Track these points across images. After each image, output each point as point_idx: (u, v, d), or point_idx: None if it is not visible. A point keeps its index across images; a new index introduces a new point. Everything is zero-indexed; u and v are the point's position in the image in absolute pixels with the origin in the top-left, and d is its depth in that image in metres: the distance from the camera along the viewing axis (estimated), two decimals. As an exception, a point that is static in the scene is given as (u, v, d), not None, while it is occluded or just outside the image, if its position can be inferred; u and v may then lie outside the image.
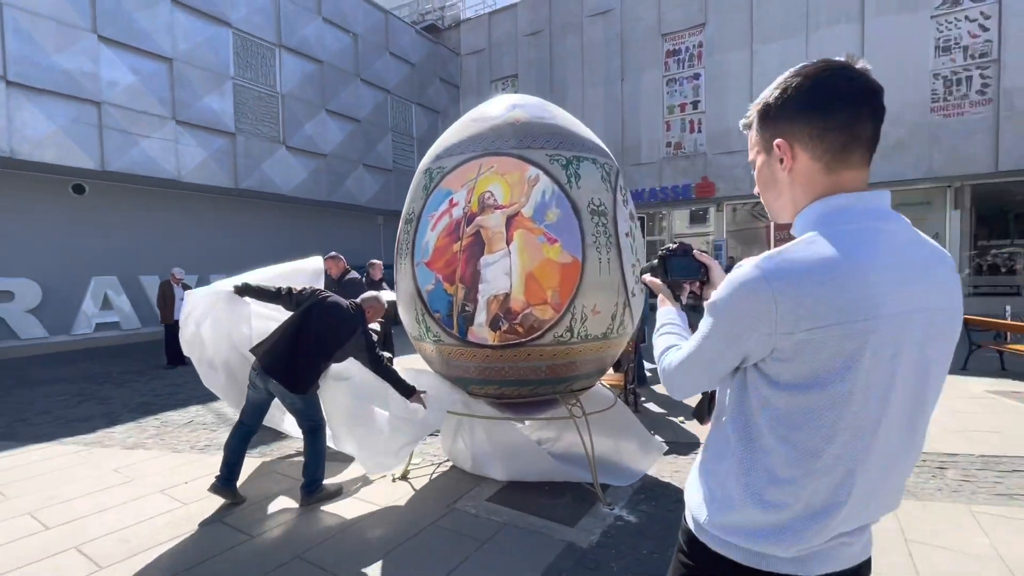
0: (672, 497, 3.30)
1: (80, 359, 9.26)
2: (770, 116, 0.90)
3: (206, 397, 5.83)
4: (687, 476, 3.30)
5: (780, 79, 0.89)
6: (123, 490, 3.51)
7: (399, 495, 3.39)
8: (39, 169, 9.61)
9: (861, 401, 0.79)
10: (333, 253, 6.02)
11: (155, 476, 3.76)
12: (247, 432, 3.29)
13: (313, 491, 3.25)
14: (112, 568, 2.57)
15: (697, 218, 17.08)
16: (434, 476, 3.70)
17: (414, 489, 3.48)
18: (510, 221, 3.07)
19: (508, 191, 3.13)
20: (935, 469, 3.59)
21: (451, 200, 3.24)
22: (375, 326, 4.05)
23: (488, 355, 3.20)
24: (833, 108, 0.85)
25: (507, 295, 3.05)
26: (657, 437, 3.88)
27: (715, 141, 15.34)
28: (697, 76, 15.68)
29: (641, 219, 9.00)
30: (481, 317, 3.10)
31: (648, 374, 6.50)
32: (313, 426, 3.28)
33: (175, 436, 4.73)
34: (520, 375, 3.28)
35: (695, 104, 15.80)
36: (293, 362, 3.12)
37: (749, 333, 0.81)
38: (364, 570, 2.52)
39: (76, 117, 9.57)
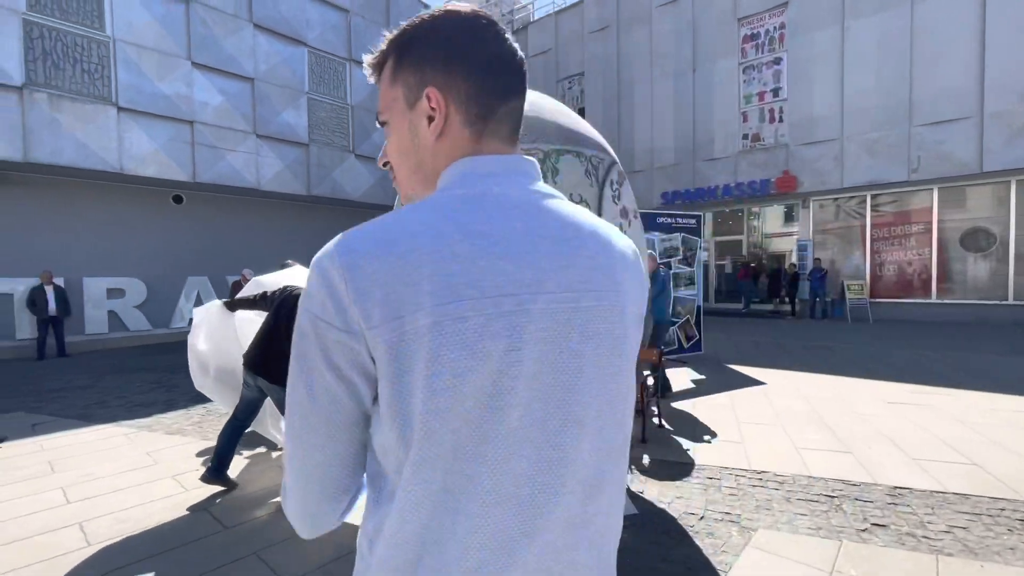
0: (661, 528, 2.96)
1: (174, 350, 10.42)
2: (414, 54, 0.67)
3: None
4: (689, 503, 2.86)
5: (429, 12, 0.68)
6: (143, 473, 3.83)
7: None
8: (143, 182, 10.98)
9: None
10: None
11: (177, 461, 4.07)
12: (239, 426, 3.45)
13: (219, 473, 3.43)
14: (98, 546, 2.79)
15: (780, 217, 15.65)
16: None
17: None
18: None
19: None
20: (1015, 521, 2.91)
21: (425, 200, 3.16)
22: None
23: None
24: (501, 64, 0.67)
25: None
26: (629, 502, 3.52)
27: (798, 131, 13.96)
28: (778, 61, 14.36)
29: (695, 218, 8.37)
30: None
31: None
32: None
33: (213, 425, 5.10)
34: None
35: (775, 91, 14.49)
36: (269, 355, 3.26)
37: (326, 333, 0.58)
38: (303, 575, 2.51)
39: (173, 136, 10.81)
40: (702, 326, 8.56)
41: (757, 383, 6.45)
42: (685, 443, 4.32)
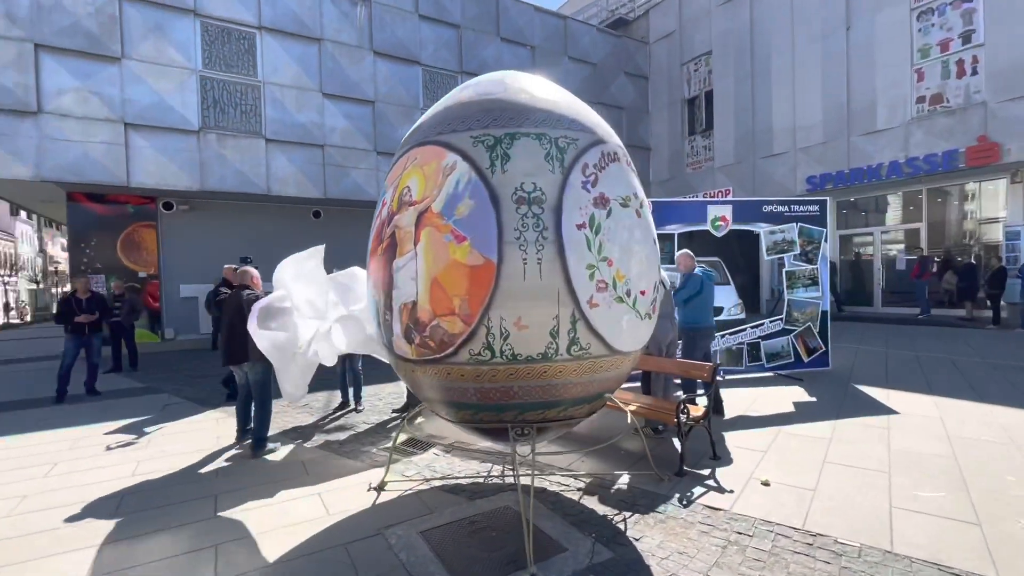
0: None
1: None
2: None
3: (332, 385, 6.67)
4: (689, 563, 2.28)
5: None
6: (181, 445, 4.37)
7: (355, 503, 3.30)
8: (287, 201, 12.79)
9: None
10: None
11: (209, 439, 4.60)
12: (240, 399, 4.66)
13: (260, 447, 4.32)
14: (92, 507, 3.19)
15: (977, 196, 12.20)
16: (406, 492, 3.49)
17: (372, 502, 3.34)
18: (420, 219, 2.68)
19: (423, 184, 2.74)
20: None
21: (383, 200, 3.02)
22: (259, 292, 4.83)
23: (414, 370, 2.86)
24: None
25: (415, 303, 2.67)
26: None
27: (1001, 83, 10.73)
28: (969, -3, 11.20)
29: (817, 205, 6.90)
30: (397, 327, 2.79)
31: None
32: (263, 397, 4.41)
33: (286, 415, 5.62)
34: (452, 396, 2.84)
35: (966, 37, 11.32)
36: (240, 346, 4.25)
37: None
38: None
39: (308, 158, 12.41)
40: (829, 335, 6.99)
41: (885, 412, 5.01)
42: (734, 482, 3.48)
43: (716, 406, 4.78)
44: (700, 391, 5.02)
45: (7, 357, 11.78)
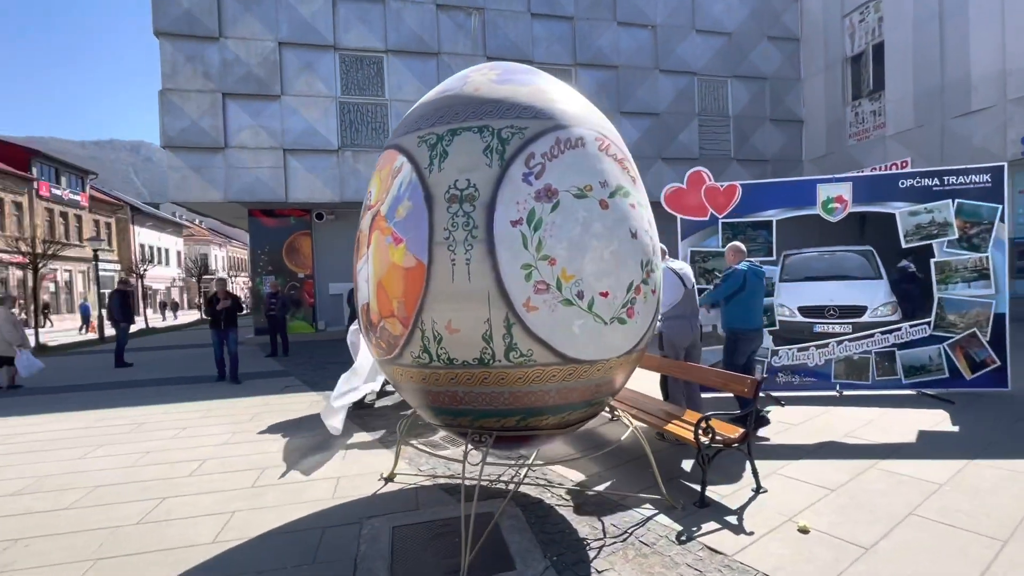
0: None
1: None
2: None
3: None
4: None
5: None
6: (272, 419, 5.07)
7: (363, 491, 3.50)
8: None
9: None
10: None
11: (294, 417, 5.22)
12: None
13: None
14: (182, 465, 3.88)
15: None
16: (410, 486, 3.60)
17: (374, 492, 3.51)
18: (372, 222, 2.74)
19: (379, 188, 2.80)
20: None
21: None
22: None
23: (389, 372, 2.93)
24: None
25: (368, 305, 2.74)
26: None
27: None
28: None
29: (988, 174, 5.31)
30: (364, 329, 2.90)
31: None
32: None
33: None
34: (410, 397, 2.86)
35: None
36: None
37: None
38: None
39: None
40: (1007, 346, 5.28)
41: (1060, 455, 3.62)
42: (764, 522, 2.86)
43: (758, 418, 4.01)
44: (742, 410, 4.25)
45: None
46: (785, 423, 4.63)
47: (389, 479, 3.70)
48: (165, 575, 2.57)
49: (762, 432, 4.34)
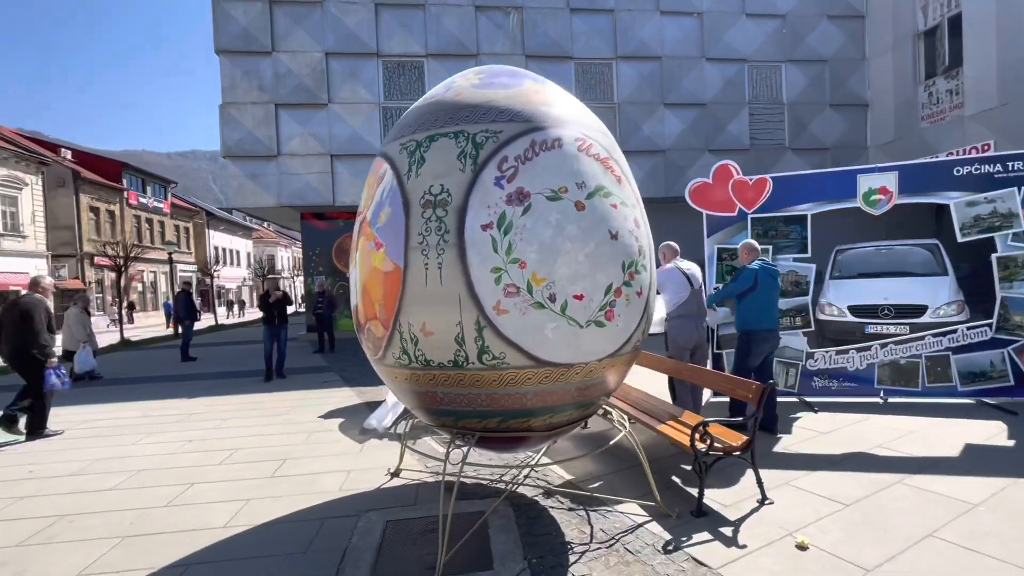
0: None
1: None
2: None
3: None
4: None
5: None
6: (310, 414, 5.35)
7: (369, 484, 3.65)
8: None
9: None
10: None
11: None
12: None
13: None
14: (216, 455, 4.19)
15: None
16: (413, 482, 3.70)
17: (377, 486, 3.64)
18: (360, 228, 2.85)
19: (367, 195, 2.90)
20: None
21: (359, 211, 3.26)
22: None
23: (379, 372, 3.04)
24: None
25: (356, 307, 2.86)
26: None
27: None
28: None
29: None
30: (356, 330, 3.02)
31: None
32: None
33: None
34: (401, 397, 2.94)
35: None
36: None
37: None
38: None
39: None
40: (1086, 352, 4.69)
41: None
42: (761, 536, 2.72)
43: (767, 422, 3.78)
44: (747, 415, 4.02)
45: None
46: (813, 431, 4.35)
47: (395, 474, 3.83)
48: (177, 554, 2.80)
49: (785, 439, 4.11)
